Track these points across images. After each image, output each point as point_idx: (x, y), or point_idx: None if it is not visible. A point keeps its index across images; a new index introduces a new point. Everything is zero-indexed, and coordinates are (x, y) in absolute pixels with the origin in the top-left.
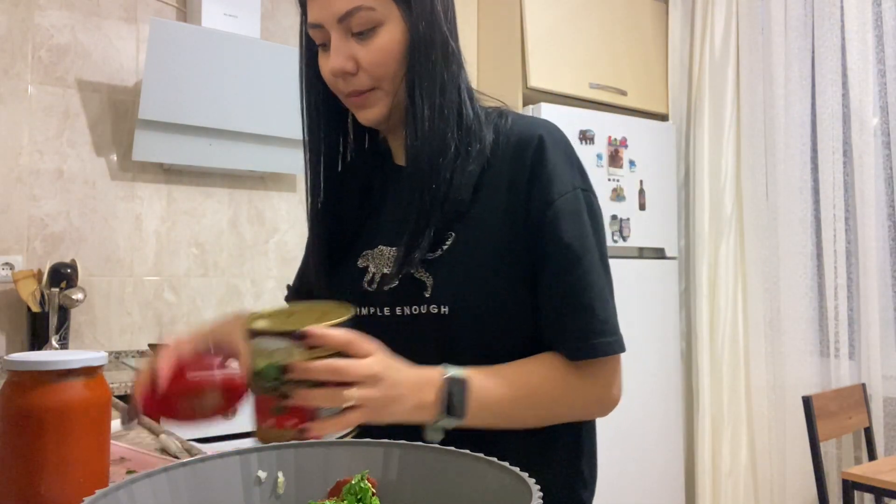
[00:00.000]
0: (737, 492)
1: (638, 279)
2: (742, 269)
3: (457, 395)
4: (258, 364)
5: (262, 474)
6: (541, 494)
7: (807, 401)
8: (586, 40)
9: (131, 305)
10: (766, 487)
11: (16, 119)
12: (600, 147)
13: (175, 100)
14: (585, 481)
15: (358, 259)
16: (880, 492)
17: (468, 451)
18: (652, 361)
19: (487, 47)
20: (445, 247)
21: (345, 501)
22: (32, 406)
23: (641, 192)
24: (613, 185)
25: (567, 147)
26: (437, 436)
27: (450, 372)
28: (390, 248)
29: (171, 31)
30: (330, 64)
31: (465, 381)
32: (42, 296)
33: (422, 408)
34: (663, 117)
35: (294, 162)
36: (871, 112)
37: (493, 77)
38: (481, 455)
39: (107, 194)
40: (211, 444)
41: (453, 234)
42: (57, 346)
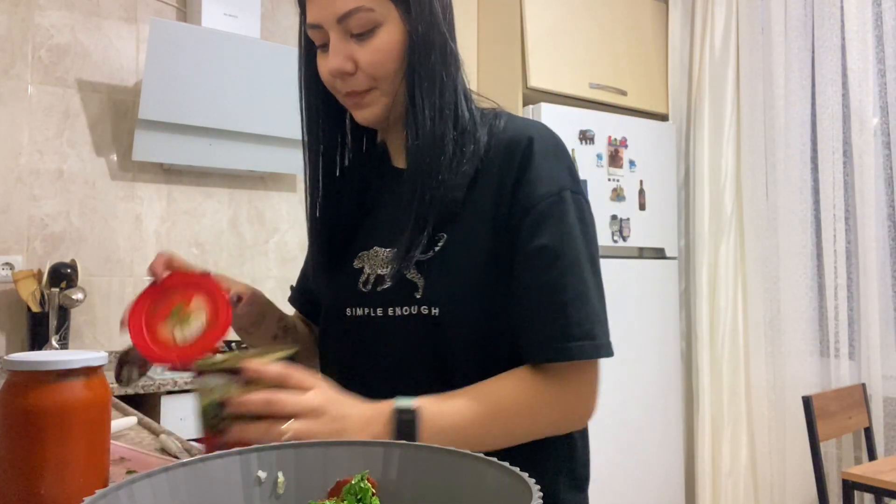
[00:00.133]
0: (737, 492)
1: (638, 279)
2: (742, 269)
3: (407, 426)
4: (201, 402)
5: (262, 474)
6: (541, 494)
7: (807, 401)
8: (586, 40)
9: None
10: (766, 487)
11: (16, 119)
12: (600, 147)
13: (175, 100)
14: (579, 484)
15: (354, 260)
16: (880, 492)
17: (468, 451)
18: (652, 361)
19: (487, 47)
20: (437, 248)
21: (345, 501)
22: (32, 406)
23: (641, 192)
24: (613, 185)
25: (557, 149)
26: None
27: (399, 403)
28: (385, 250)
29: (171, 31)
30: (329, 64)
31: (416, 412)
32: (42, 296)
33: None
34: (663, 117)
35: (294, 162)
36: (871, 112)
37: (493, 77)
38: (481, 455)
39: (107, 194)
40: None
41: (445, 236)
42: (57, 346)
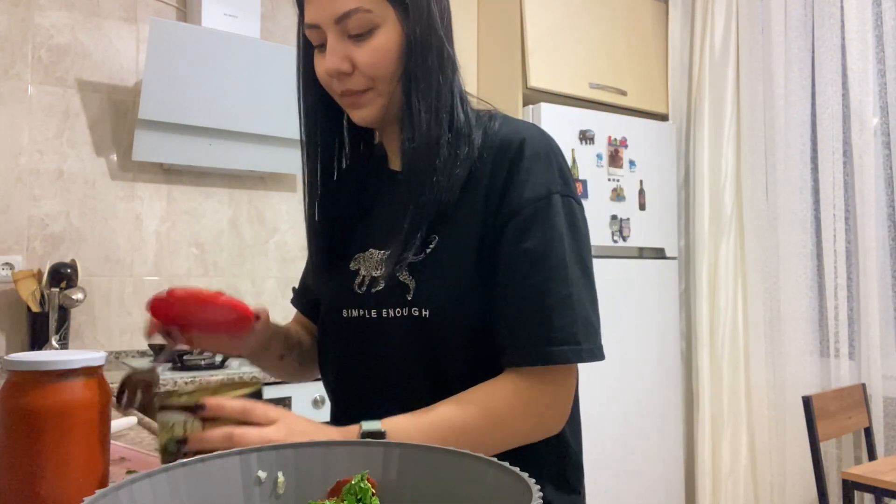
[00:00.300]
0: (737, 492)
1: (638, 279)
2: (742, 269)
3: None
4: (162, 439)
5: (262, 474)
6: (541, 494)
7: (807, 401)
8: (586, 40)
9: (131, 305)
10: (766, 487)
11: (16, 119)
12: (600, 147)
13: (175, 100)
14: (573, 486)
15: (350, 262)
16: (880, 492)
17: (468, 452)
18: (652, 361)
19: (487, 48)
20: (429, 250)
21: (345, 501)
22: (32, 406)
23: (641, 192)
24: (613, 185)
25: (550, 151)
26: None
27: (365, 427)
28: (380, 252)
29: (171, 31)
30: (326, 64)
31: (383, 435)
32: (42, 296)
33: None
34: (663, 117)
35: (294, 162)
36: (871, 112)
37: (494, 77)
38: (481, 455)
39: (107, 194)
40: None
41: (437, 238)
42: (57, 346)
